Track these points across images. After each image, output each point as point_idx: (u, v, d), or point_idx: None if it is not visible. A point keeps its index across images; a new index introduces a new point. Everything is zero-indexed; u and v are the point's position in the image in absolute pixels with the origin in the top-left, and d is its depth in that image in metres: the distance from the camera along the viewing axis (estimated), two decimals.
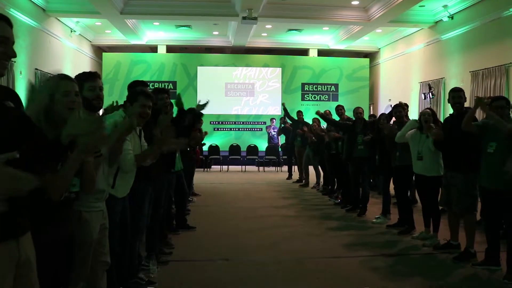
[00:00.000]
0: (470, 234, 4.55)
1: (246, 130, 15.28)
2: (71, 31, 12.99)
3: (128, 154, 3.00)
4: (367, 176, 7.00)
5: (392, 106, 6.51)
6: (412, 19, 11.75)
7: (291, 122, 11.16)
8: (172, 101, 4.58)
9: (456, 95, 4.73)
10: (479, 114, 7.27)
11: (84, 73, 2.78)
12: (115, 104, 3.82)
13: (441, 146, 4.86)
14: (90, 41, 14.87)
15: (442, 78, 11.35)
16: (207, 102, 5.08)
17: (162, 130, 3.49)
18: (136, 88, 3.41)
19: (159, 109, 4.16)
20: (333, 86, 15.55)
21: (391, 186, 6.19)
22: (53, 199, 2.02)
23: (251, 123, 15.34)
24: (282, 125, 11.57)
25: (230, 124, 15.26)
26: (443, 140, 4.78)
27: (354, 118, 7.19)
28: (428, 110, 5.34)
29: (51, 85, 2.10)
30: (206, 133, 7.70)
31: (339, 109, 7.90)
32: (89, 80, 2.67)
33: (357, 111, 7.04)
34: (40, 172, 1.79)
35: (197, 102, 5.25)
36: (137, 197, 3.34)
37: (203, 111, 5.15)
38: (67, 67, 12.52)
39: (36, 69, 10.42)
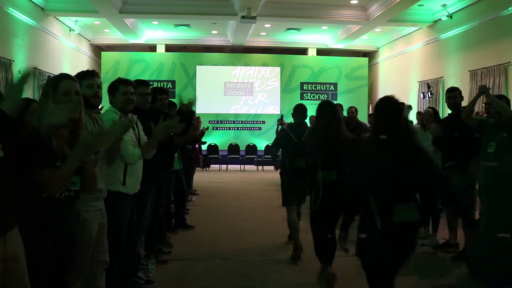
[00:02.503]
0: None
1: (245, 129, 15.27)
2: (70, 30, 12.96)
3: (129, 145, 2.98)
4: None
5: None
6: (411, 18, 11.74)
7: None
8: (174, 100, 4.51)
9: (452, 95, 4.73)
10: (479, 112, 7.24)
11: (82, 71, 2.78)
12: None
13: (440, 145, 4.86)
14: (89, 40, 14.84)
15: (441, 77, 11.35)
16: (194, 99, 4.77)
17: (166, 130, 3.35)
18: (113, 80, 3.26)
19: (157, 108, 4.16)
20: (332, 85, 15.52)
21: None
22: (50, 195, 2.02)
23: (250, 122, 15.32)
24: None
25: (229, 123, 15.23)
26: (442, 140, 4.78)
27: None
28: (430, 109, 5.36)
29: (48, 83, 2.09)
30: (207, 128, 7.62)
31: (351, 112, 7.34)
32: (87, 78, 2.68)
33: (350, 111, 7.06)
34: (28, 168, 1.77)
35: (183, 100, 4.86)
36: (140, 198, 3.32)
37: (201, 110, 5.08)
38: (66, 66, 12.49)
39: (35, 68, 10.39)
